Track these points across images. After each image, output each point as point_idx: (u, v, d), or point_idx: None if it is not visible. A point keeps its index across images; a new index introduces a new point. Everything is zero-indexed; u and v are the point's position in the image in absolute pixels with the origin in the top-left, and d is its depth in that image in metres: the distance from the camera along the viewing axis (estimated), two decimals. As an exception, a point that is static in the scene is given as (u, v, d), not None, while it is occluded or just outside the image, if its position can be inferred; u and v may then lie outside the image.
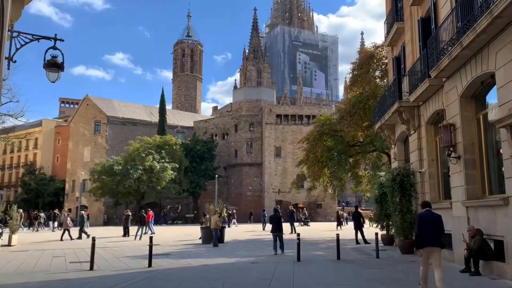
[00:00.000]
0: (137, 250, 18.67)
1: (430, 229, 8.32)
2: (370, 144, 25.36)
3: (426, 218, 8.45)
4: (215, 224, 19.49)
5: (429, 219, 8.43)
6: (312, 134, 27.52)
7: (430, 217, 8.48)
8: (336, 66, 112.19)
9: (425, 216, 8.51)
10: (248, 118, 64.65)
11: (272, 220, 16.63)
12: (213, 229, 19.50)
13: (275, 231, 16.04)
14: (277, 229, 15.99)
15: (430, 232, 8.30)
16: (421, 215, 8.68)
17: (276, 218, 16.44)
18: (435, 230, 8.37)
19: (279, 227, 16.01)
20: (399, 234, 15.54)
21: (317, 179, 27.85)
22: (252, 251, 17.76)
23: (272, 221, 16.52)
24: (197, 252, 17.55)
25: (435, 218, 8.52)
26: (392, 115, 16.79)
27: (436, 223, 8.42)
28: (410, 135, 16.43)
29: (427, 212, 8.59)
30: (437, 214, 8.87)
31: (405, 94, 15.82)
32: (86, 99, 67.59)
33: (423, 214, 8.62)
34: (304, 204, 56.82)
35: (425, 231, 8.32)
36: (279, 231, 15.95)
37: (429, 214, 8.56)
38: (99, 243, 22.07)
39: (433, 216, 8.56)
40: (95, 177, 50.51)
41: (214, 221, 19.55)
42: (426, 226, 8.35)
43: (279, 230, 15.96)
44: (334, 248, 18.13)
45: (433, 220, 8.44)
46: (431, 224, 8.37)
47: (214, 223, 19.56)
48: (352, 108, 24.36)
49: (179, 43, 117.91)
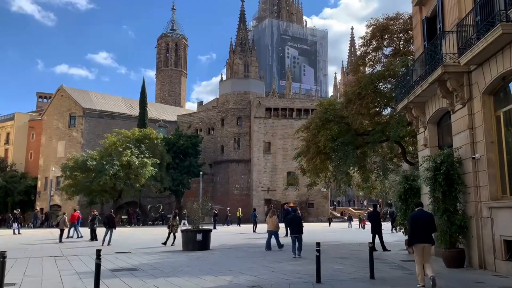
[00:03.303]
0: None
1: (423, 228, 8.92)
2: (380, 133, 21.51)
3: (418, 217, 9.08)
4: (273, 227, 17.24)
5: (422, 218, 9.04)
6: (313, 121, 23.52)
7: (422, 216, 9.12)
8: (325, 61, 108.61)
9: (418, 215, 9.16)
10: (235, 112, 60.53)
11: (292, 221, 15.59)
12: (268, 232, 17.53)
13: (295, 232, 15.12)
14: (298, 230, 15.11)
15: (422, 231, 8.91)
16: (414, 215, 9.30)
17: (297, 219, 15.56)
18: (427, 228, 8.99)
19: (300, 228, 15.19)
20: (443, 241, 11.67)
21: (319, 174, 23.92)
22: (248, 262, 13.75)
23: (292, 223, 15.53)
24: (175, 265, 13.44)
25: (427, 217, 9.20)
26: (428, 87, 12.96)
27: (428, 222, 9.05)
28: (454, 112, 12.62)
29: (419, 212, 9.26)
30: (429, 213, 9.78)
31: (449, 56, 11.99)
32: (60, 90, 62.63)
33: (416, 213, 9.27)
34: (295, 203, 52.83)
35: (418, 230, 8.92)
36: (299, 232, 15.08)
37: (422, 213, 9.24)
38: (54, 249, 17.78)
39: (425, 215, 9.24)
40: (67, 174, 45.88)
41: (272, 223, 17.20)
42: (419, 225, 8.94)
43: (299, 231, 15.11)
44: (354, 258, 14.32)
45: (425, 219, 9.06)
46: (424, 223, 8.97)
47: (273, 225, 17.21)
48: (362, 90, 20.55)
49: (163, 37, 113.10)
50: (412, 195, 15.48)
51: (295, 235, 15.10)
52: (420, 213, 9.19)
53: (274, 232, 17.36)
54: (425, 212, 9.34)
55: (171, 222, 20.06)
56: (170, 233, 19.85)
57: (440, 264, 11.79)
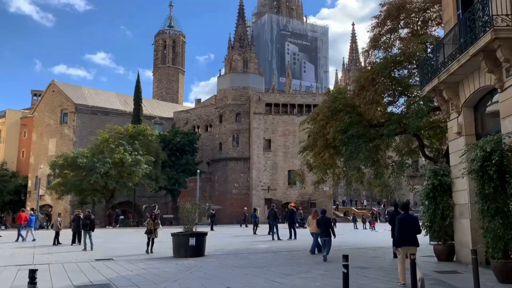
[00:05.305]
0: (71, 270, 12.12)
1: (409, 230, 9.21)
2: (397, 124, 19.12)
3: (404, 220, 9.38)
4: (314, 229, 15.98)
5: (408, 221, 9.36)
6: (320, 111, 21.10)
7: (408, 218, 9.45)
8: (326, 58, 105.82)
9: (404, 218, 9.45)
10: (234, 108, 58.14)
11: (320, 223, 14.93)
12: (312, 234, 16.55)
13: (323, 235, 14.62)
14: (326, 233, 14.54)
15: (408, 233, 9.20)
16: (400, 217, 9.51)
17: (326, 221, 14.92)
18: (412, 231, 9.28)
19: (329, 231, 14.59)
20: (495, 250, 9.29)
21: (327, 169, 21.49)
22: (250, 275, 11.36)
23: (320, 224, 14.91)
24: (158, 279, 11.03)
25: (413, 220, 9.52)
26: (469, 60, 10.61)
27: (413, 225, 9.37)
28: (503, 90, 10.26)
29: (405, 214, 9.61)
30: (414, 216, 10.34)
31: (501, 18, 9.63)
32: (52, 85, 60.07)
33: (402, 216, 9.55)
34: (296, 203, 50.39)
35: (404, 232, 9.21)
36: (328, 235, 14.47)
37: (407, 216, 9.57)
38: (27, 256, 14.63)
39: (410, 218, 9.58)
40: (56, 172, 43.41)
41: (315, 225, 15.90)
42: (405, 227, 9.23)
43: (328, 234, 14.49)
44: (375, 268, 11.87)
45: (411, 222, 9.38)
46: (409, 226, 9.27)
47: (314, 227, 15.97)
48: (378, 75, 18.20)
49: (160, 34, 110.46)
50: (442, 192, 13.19)
51: (323, 238, 14.62)
52: (406, 216, 9.50)
53: (318, 234, 15.56)
54: (409, 215, 9.69)
55: (150, 226, 16.97)
56: (149, 238, 16.92)
57: (490, 278, 9.43)
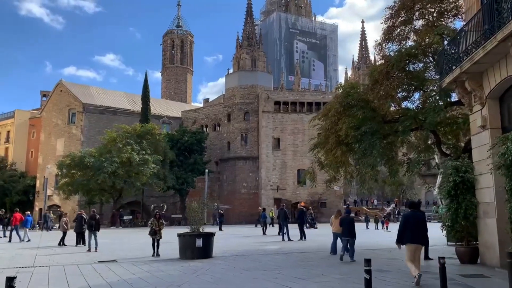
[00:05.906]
0: (71, 273, 11.50)
1: (415, 228, 9.11)
2: (412, 119, 18.26)
3: (411, 217, 9.33)
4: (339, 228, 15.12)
5: (414, 218, 9.27)
6: (332, 107, 20.29)
7: (415, 216, 9.33)
8: (335, 56, 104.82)
9: (411, 215, 9.40)
10: (242, 106, 57.45)
11: (343, 223, 14.51)
12: (334, 234, 15.76)
13: (345, 235, 14.16)
14: (348, 233, 14.05)
15: (414, 231, 9.10)
16: (406, 215, 9.63)
17: (349, 221, 14.49)
18: (418, 229, 9.16)
19: (351, 231, 14.07)
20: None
21: (339, 167, 20.69)
22: (260, 279, 10.64)
23: (343, 223, 14.49)
24: (162, 283, 10.34)
25: (420, 217, 9.39)
26: (496, 46, 9.81)
27: (420, 223, 9.28)
28: (535, 78, 9.45)
29: (412, 212, 9.52)
30: (421, 213, 9.86)
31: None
32: (59, 85, 59.88)
33: (409, 213, 9.53)
34: (306, 202, 49.56)
35: (409, 230, 9.11)
36: (350, 235, 14.00)
37: (414, 214, 9.44)
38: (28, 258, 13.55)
39: (417, 216, 9.40)
40: (63, 172, 43.05)
41: (337, 225, 15.24)
42: (410, 225, 9.16)
43: (350, 234, 14.01)
44: (395, 271, 11.03)
45: (418, 220, 9.27)
46: (416, 223, 9.19)
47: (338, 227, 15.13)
48: (392, 68, 17.38)
49: (168, 34, 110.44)
50: (464, 190, 12.36)
51: (346, 238, 14.15)
52: (414, 213, 9.43)
53: (339, 234, 14.87)
54: (418, 213, 9.55)
55: (154, 226, 15.93)
56: (154, 240, 16.01)
57: None
